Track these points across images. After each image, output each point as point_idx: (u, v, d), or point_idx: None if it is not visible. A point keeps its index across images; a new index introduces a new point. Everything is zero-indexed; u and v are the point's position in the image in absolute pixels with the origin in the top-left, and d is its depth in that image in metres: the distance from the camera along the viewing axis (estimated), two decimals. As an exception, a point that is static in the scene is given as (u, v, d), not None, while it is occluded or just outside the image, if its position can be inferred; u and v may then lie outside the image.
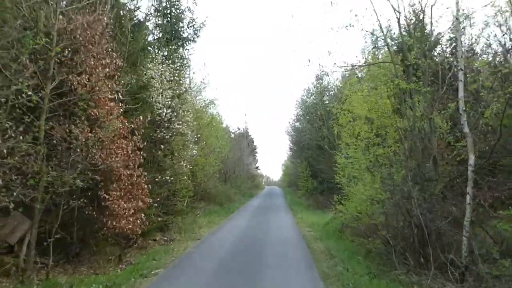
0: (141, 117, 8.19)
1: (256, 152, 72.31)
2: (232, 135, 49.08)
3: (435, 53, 11.83)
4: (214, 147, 20.30)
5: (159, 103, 11.31)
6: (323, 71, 29.01)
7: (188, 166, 13.06)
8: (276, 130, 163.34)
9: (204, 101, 19.95)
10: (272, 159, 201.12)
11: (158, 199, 10.15)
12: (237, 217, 18.67)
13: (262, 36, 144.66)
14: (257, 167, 73.92)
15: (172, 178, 11.80)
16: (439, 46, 12.14)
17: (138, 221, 8.01)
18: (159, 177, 10.40)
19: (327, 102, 30.72)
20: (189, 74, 17.78)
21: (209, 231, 13.49)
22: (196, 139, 14.11)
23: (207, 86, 18.50)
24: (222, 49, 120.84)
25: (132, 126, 7.99)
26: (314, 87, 33.23)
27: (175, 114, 12.04)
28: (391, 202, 8.17)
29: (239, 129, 57.96)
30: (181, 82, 13.12)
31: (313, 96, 33.36)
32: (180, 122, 12.17)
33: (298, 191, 45.92)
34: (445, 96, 8.84)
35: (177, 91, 12.49)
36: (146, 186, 8.32)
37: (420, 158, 8.28)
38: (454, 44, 11.07)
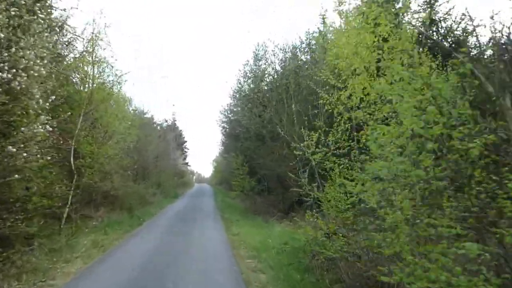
0: None
1: (186, 147, 66.07)
2: (158, 128, 42.91)
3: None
4: (114, 131, 14.26)
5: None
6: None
7: (39, 155, 7.17)
8: (209, 126, 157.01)
9: (95, 63, 13.51)
10: (205, 156, 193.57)
11: None
12: (144, 232, 12.94)
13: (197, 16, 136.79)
14: (186, 163, 67.60)
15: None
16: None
17: None
18: None
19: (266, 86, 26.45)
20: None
21: (80, 268, 7.76)
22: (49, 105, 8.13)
23: (104, 47, 12.14)
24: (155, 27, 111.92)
25: None
26: (251, 72, 28.67)
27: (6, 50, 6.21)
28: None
29: (166, 121, 51.59)
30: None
31: (250, 80, 28.69)
32: (18, 70, 6.33)
33: (230, 191, 40.93)
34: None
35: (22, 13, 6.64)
36: None
37: None
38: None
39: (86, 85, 12.76)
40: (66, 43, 13.33)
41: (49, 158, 7.69)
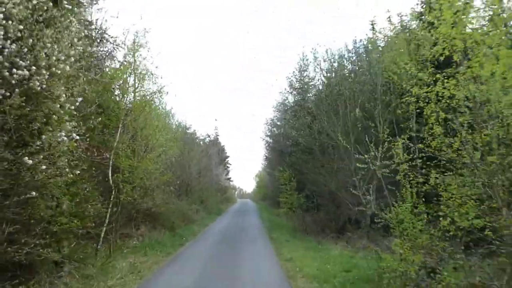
0: None
1: (228, 162, 65.54)
2: (201, 143, 42.49)
3: None
4: (154, 144, 13.34)
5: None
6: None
7: (67, 168, 6.14)
8: (249, 140, 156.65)
9: (136, 72, 12.69)
10: (245, 170, 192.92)
11: None
12: (186, 255, 11.73)
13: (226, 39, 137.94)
14: (228, 178, 66.96)
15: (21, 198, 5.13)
16: None
17: None
18: None
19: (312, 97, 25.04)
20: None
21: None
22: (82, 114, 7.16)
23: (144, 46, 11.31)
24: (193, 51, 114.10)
25: None
26: (297, 81, 27.39)
27: (26, 45, 5.30)
28: None
29: (208, 136, 51.33)
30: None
31: (295, 92, 27.38)
32: (39, 68, 5.38)
33: (274, 208, 39.23)
34: None
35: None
36: None
37: None
38: None
39: (126, 96, 11.96)
40: (106, 54, 12.74)
41: (78, 172, 6.63)
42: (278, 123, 33.48)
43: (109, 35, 12.10)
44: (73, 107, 5.98)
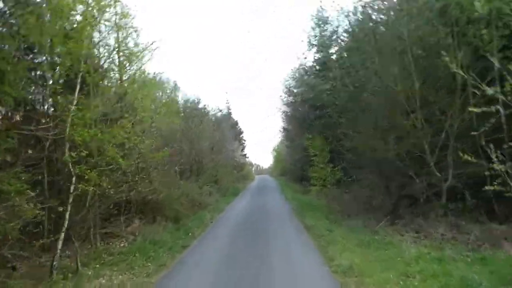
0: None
1: (243, 138, 61.75)
2: (213, 118, 38.70)
3: None
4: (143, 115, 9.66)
5: None
6: None
7: None
8: (262, 114, 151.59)
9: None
10: (261, 147, 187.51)
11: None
12: (189, 266, 8.02)
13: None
14: (244, 155, 63.28)
15: None
16: None
17: None
18: None
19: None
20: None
21: None
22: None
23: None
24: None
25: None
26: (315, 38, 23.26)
27: None
28: None
29: (220, 110, 47.40)
30: None
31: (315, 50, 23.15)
32: None
33: (295, 183, 35.31)
34: None
35: None
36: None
37: None
38: None
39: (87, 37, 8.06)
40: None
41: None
42: (295, 90, 29.61)
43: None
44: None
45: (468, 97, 8.13)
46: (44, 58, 8.07)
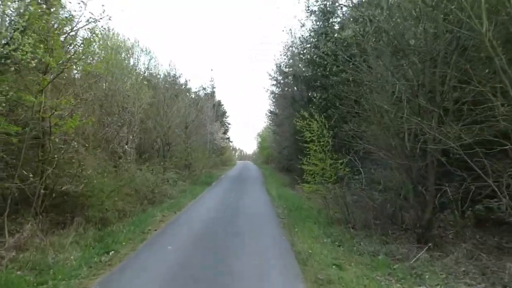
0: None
1: (227, 119, 57.16)
2: (193, 95, 34.16)
3: None
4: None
5: None
6: None
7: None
8: (248, 99, 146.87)
9: None
10: (245, 130, 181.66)
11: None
12: None
13: None
14: (227, 138, 58.69)
15: None
16: None
17: None
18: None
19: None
20: None
21: None
22: None
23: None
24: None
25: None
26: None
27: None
28: None
29: (203, 88, 42.86)
30: None
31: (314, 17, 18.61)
32: None
33: (281, 173, 31.15)
34: None
35: None
36: None
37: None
38: None
39: None
40: None
41: None
42: (286, 69, 25.39)
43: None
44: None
45: None
46: None
